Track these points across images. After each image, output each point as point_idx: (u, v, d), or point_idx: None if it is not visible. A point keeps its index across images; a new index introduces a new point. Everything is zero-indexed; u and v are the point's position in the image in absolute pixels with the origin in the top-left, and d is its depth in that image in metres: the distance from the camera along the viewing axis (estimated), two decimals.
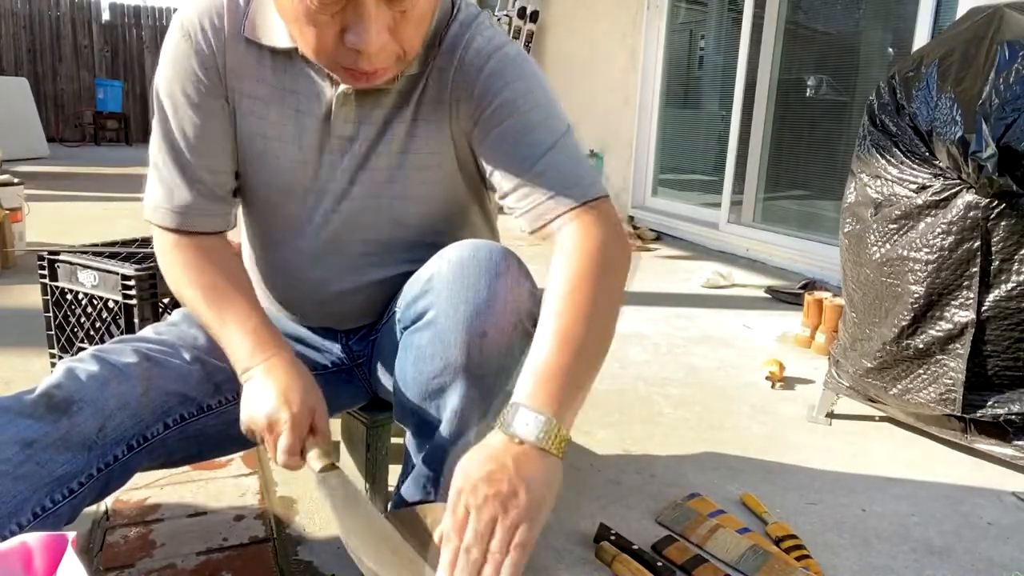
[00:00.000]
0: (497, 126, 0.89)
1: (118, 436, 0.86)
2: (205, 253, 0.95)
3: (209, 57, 0.90)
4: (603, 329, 0.79)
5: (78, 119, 9.83)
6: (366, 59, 0.75)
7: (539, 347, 0.75)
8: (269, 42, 0.89)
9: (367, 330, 1.09)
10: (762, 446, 1.65)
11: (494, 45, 0.90)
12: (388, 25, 0.74)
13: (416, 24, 0.76)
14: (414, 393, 0.91)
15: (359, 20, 0.72)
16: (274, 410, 0.85)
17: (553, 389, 0.72)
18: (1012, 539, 1.31)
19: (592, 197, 0.85)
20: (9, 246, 2.96)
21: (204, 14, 0.90)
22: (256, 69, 0.91)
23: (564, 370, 0.73)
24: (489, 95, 0.88)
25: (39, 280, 1.66)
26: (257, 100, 0.92)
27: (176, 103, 0.91)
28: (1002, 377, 1.49)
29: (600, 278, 0.79)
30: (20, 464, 0.78)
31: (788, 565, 1.16)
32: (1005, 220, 1.41)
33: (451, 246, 0.91)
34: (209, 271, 0.94)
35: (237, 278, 0.96)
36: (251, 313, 0.93)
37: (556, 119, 0.90)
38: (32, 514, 0.79)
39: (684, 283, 3.22)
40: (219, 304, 0.92)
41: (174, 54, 0.91)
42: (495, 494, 0.66)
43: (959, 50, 1.47)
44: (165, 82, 0.92)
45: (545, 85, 0.92)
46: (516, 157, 0.88)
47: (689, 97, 4.77)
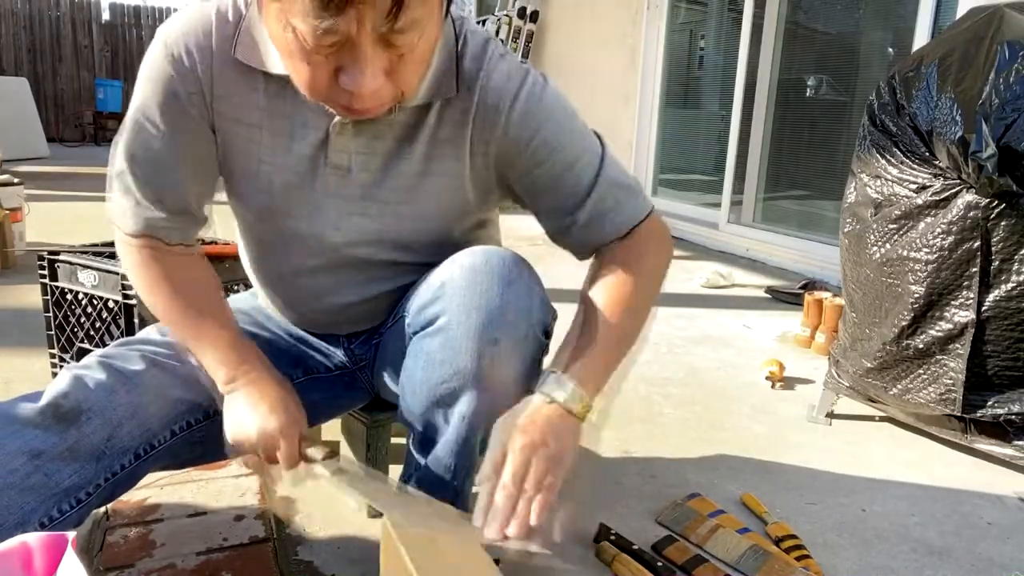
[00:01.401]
0: (535, 168, 0.90)
1: (126, 446, 0.86)
2: (174, 263, 0.94)
3: (194, 82, 0.86)
4: (636, 320, 0.90)
5: (78, 119, 9.83)
6: (359, 100, 0.73)
7: (577, 327, 0.87)
8: (262, 67, 0.85)
9: (370, 333, 1.09)
10: (762, 446, 1.65)
11: (516, 82, 0.88)
12: (384, 68, 0.71)
13: (414, 67, 0.74)
14: (422, 398, 0.91)
15: (354, 62, 0.69)
16: (265, 421, 0.85)
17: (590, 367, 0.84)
18: (1012, 539, 1.31)
19: (638, 221, 0.94)
20: (9, 246, 2.96)
21: (190, 33, 0.85)
22: (247, 93, 0.87)
23: (598, 348, 0.85)
24: (525, 138, 0.88)
25: (39, 280, 1.66)
26: (249, 125, 0.89)
27: (152, 124, 0.88)
28: (1002, 377, 1.49)
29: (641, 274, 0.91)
30: (28, 476, 0.78)
31: (788, 565, 1.16)
32: (1005, 220, 1.41)
33: (463, 252, 0.91)
34: (179, 283, 0.93)
35: (209, 290, 0.96)
36: (226, 326, 0.92)
37: (591, 147, 0.93)
38: (39, 524, 0.79)
39: (684, 283, 3.22)
40: (193, 319, 0.92)
41: (156, 74, 0.87)
42: (530, 442, 0.76)
43: (959, 50, 1.47)
44: (142, 100, 0.88)
45: (569, 109, 0.92)
46: (558, 202, 0.92)
47: (689, 97, 4.77)
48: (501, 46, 0.91)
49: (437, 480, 0.94)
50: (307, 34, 0.66)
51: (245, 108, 0.88)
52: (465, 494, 0.97)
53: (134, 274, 0.95)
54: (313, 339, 1.10)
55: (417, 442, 0.96)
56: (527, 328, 0.87)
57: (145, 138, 0.88)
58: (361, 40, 0.67)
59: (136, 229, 0.92)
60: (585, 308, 0.89)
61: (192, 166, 0.91)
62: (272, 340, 1.07)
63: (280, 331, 1.09)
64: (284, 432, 0.86)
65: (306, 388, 1.09)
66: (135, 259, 0.94)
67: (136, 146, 0.89)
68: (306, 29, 0.66)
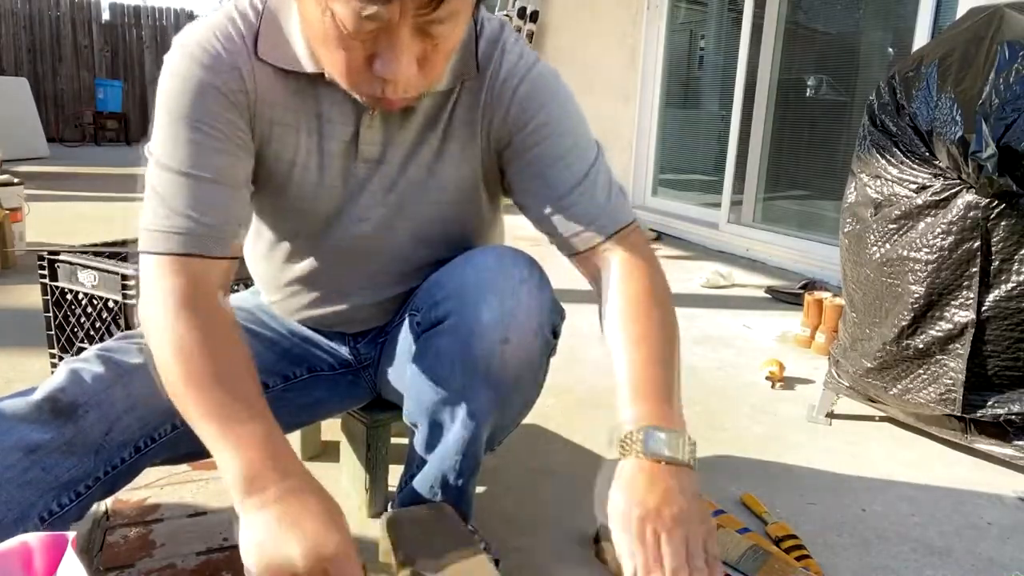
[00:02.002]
0: (532, 149, 0.89)
1: (125, 439, 0.86)
2: (213, 315, 0.78)
3: (237, 79, 0.81)
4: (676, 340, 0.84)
5: (78, 119, 9.83)
6: (392, 88, 0.72)
7: (635, 368, 0.78)
8: (289, 66, 0.83)
9: (376, 332, 1.09)
10: (762, 446, 1.65)
11: (525, 64, 0.89)
12: (418, 56, 0.71)
13: (446, 56, 0.74)
14: (430, 395, 0.91)
15: (390, 49, 0.69)
16: (318, 541, 0.64)
17: (667, 406, 0.75)
18: (1012, 539, 1.31)
19: (625, 224, 0.90)
20: (9, 246, 2.96)
21: (220, 33, 0.82)
22: (279, 93, 0.85)
23: (666, 386, 0.77)
24: (524, 118, 0.88)
25: (39, 280, 1.66)
26: (282, 126, 0.87)
27: (201, 131, 0.80)
28: (1002, 377, 1.49)
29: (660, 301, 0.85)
30: (25, 470, 0.77)
31: (788, 565, 1.16)
32: (1005, 220, 1.41)
33: (473, 251, 0.91)
34: (216, 344, 0.75)
35: (244, 364, 0.77)
36: (260, 417, 0.72)
37: (588, 143, 0.92)
38: (39, 518, 0.79)
39: (684, 283, 3.22)
40: (224, 395, 0.72)
41: (190, 78, 0.80)
42: (679, 513, 0.67)
43: (959, 50, 1.47)
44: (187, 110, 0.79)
45: (575, 104, 0.92)
46: (551, 184, 0.89)
47: (689, 97, 4.77)
48: (514, 32, 0.92)
49: (441, 480, 0.94)
50: (347, 18, 0.66)
51: (279, 108, 0.86)
52: (468, 495, 0.97)
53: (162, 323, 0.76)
54: (318, 337, 1.10)
55: (422, 441, 0.96)
56: (537, 327, 0.87)
57: (189, 149, 0.80)
58: (400, 28, 0.67)
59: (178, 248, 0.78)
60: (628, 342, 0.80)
61: (241, 171, 0.84)
62: (274, 339, 1.07)
63: (283, 329, 1.09)
64: (344, 556, 0.65)
65: (308, 386, 1.09)
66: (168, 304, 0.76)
67: (178, 159, 0.80)
68: (347, 13, 0.66)
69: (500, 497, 1.35)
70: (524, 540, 1.22)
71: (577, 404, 1.80)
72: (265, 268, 1.05)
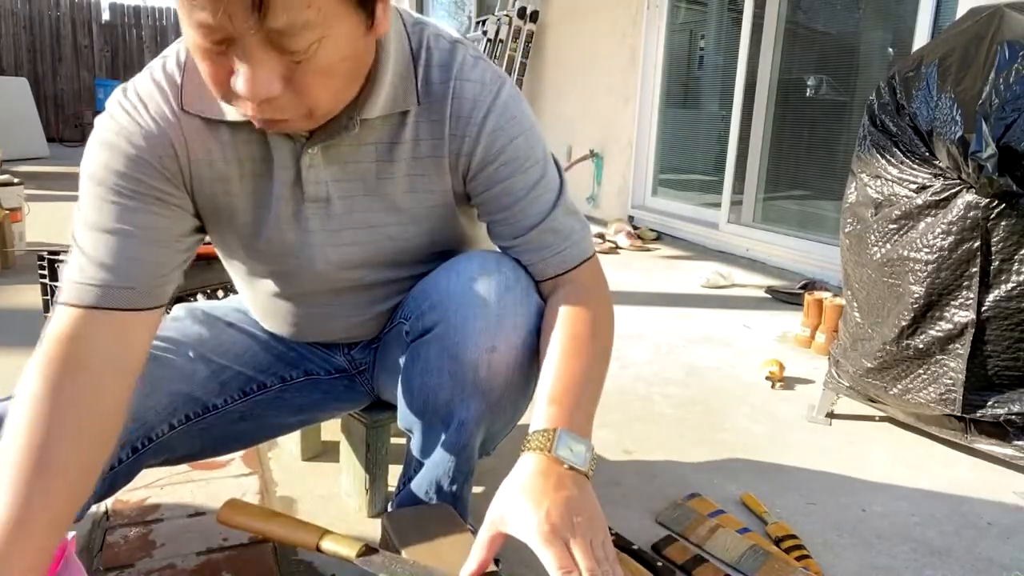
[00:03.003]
0: (500, 184, 0.88)
1: (123, 440, 0.86)
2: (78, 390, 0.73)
3: (168, 148, 0.81)
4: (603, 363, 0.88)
5: (78, 119, 9.83)
6: (255, 108, 0.68)
7: (562, 381, 0.80)
8: (216, 115, 0.80)
9: (370, 340, 1.09)
10: (762, 446, 1.65)
11: (490, 93, 0.85)
12: (281, 73, 0.66)
13: (320, 77, 0.68)
14: (420, 403, 0.91)
15: (241, 62, 0.65)
16: None
17: (582, 419, 0.78)
18: (1012, 539, 1.31)
19: (583, 259, 0.91)
20: (9, 246, 2.95)
21: (150, 101, 0.81)
22: (213, 145, 0.82)
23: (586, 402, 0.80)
24: (493, 152, 0.86)
25: (39, 280, 1.66)
26: (222, 178, 0.84)
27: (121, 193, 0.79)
28: (1002, 377, 1.49)
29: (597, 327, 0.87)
30: None
31: (788, 565, 1.16)
32: (1005, 220, 1.41)
33: (459, 258, 0.91)
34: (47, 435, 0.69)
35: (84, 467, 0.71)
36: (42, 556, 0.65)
37: (553, 173, 0.91)
38: None
39: (684, 283, 3.22)
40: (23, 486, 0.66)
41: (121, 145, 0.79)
42: (585, 521, 0.69)
43: (959, 50, 1.47)
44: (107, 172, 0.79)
45: (538, 132, 0.91)
46: (520, 215, 0.89)
47: (689, 97, 4.77)
48: (472, 48, 0.88)
49: (435, 485, 0.94)
50: (195, 30, 0.64)
51: (217, 162, 0.83)
52: (464, 499, 0.97)
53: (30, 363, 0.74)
54: (312, 347, 1.10)
55: (417, 446, 0.96)
56: (524, 334, 0.87)
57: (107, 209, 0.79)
58: (245, 39, 0.63)
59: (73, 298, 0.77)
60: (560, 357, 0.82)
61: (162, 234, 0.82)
62: (270, 342, 1.07)
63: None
64: None
65: (305, 388, 1.09)
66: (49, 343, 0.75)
67: (96, 217, 0.79)
68: (191, 24, 0.63)
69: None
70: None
71: None
72: (249, 296, 1.05)
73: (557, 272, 0.90)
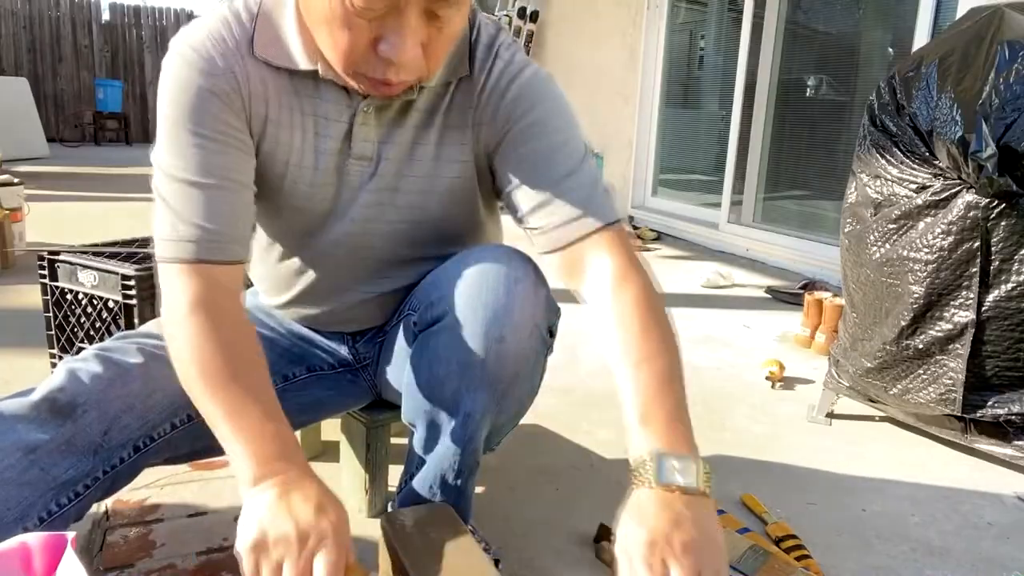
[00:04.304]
0: (521, 146, 0.89)
1: (124, 439, 0.86)
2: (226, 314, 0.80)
3: (231, 82, 0.83)
4: (678, 356, 0.80)
5: (78, 119, 9.83)
6: (394, 70, 0.73)
7: (642, 392, 0.75)
8: (285, 64, 0.83)
9: (375, 332, 1.09)
10: (762, 446, 1.65)
11: (517, 67, 0.89)
12: (423, 39, 0.71)
13: (447, 41, 0.75)
14: (427, 394, 0.91)
15: (398, 30, 0.69)
16: (311, 522, 0.67)
17: (677, 429, 0.72)
18: (1012, 539, 1.31)
19: (611, 220, 0.87)
20: (9, 246, 2.96)
21: (214, 36, 0.83)
22: (274, 92, 0.86)
23: (675, 408, 0.75)
24: (515, 117, 0.89)
25: (39, 280, 1.66)
26: (276, 124, 0.87)
27: (201, 136, 0.81)
28: (1002, 377, 1.49)
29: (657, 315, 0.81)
30: (24, 470, 0.77)
31: (788, 565, 1.16)
32: (1005, 220, 1.41)
33: (470, 250, 0.91)
34: (229, 342, 0.79)
35: (258, 360, 0.81)
36: (272, 412, 0.76)
37: (577, 142, 0.91)
38: (39, 518, 0.79)
39: (684, 283, 3.22)
40: (236, 390, 0.76)
41: (187, 82, 0.81)
42: (691, 541, 0.64)
43: (959, 50, 1.47)
44: (178, 113, 0.81)
45: (567, 106, 0.92)
46: (539, 178, 0.89)
47: (689, 97, 4.77)
48: (510, 36, 0.92)
49: (440, 480, 0.94)
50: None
51: (273, 107, 0.87)
52: (467, 495, 0.97)
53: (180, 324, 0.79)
54: (317, 337, 1.10)
55: (420, 441, 0.96)
56: (532, 327, 0.87)
57: (190, 154, 0.81)
58: (410, 9, 0.68)
59: (189, 255, 0.81)
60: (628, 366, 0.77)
61: (243, 175, 0.85)
62: (273, 339, 1.07)
63: (282, 329, 1.09)
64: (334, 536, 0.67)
65: (308, 385, 1.09)
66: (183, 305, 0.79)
67: (182, 166, 0.81)
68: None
69: (500, 497, 1.35)
70: (524, 540, 1.22)
71: (577, 404, 1.80)
72: (261, 266, 1.05)
73: (580, 235, 0.86)
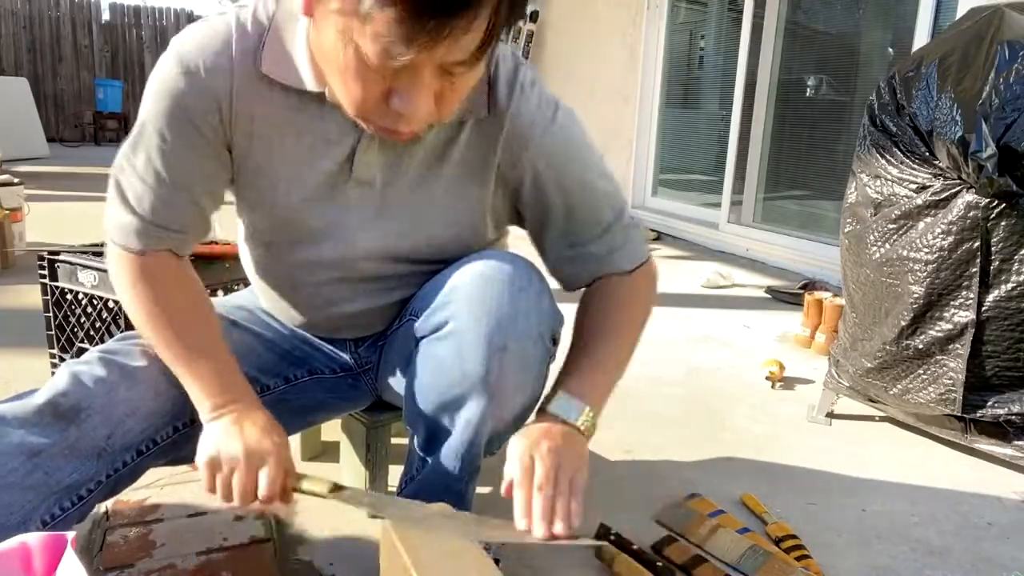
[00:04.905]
0: (560, 197, 0.92)
1: (128, 442, 0.86)
2: (168, 281, 0.90)
3: (211, 99, 0.83)
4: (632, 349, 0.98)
5: (78, 119, 9.83)
6: (404, 122, 0.72)
7: (582, 353, 0.92)
8: (293, 83, 0.83)
9: (376, 336, 1.09)
10: (762, 446, 1.65)
11: (548, 112, 0.89)
12: (436, 93, 0.70)
13: (461, 93, 0.74)
14: (428, 401, 0.91)
15: (411, 87, 0.68)
16: (256, 442, 0.81)
17: (588, 385, 0.89)
18: (1012, 539, 1.31)
19: (644, 260, 0.98)
20: (9, 246, 2.95)
21: (207, 48, 0.82)
22: (271, 108, 0.85)
23: (600, 371, 0.92)
24: (553, 168, 0.91)
25: (39, 280, 1.66)
26: (269, 140, 0.87)
27: (162, 139, 0.84)
28: (1002, 377, 1.49)
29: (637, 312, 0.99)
30: (27, 474, 0.77)
31: (788, 565, 1.16)
32: (1005, 220, 1.41)
33: (473, 257, 0.91)
34: (173, 306, 0.89)
35: (203, 315, 0.93)
36: (220, 353, 0.89)
37: (614, 187, 0.97)
38: (41, 522, 0.79)
39: (684, 283, 3.22)
40: (185, 340, 0.88)
41: (167, 88, 0.82)
42: (555, 447, 0.79)
43: (959, 50, 1.47)
44: (152, 114, 0.83)
45: (594, 150, 0.95)
46: (578, 228, 0.95)
47: (689, 97, 4.77)
48: (532, 72, 0.91)
49: (440, 483, 0.94)
50: (375, 55, 0.64)
51: (266, 124, 0.86)
52: (468, 498, 0.97)
53: (127, 293, 0.90)
54: (318, 341, 1.10)
55: (421, 445, 0.96)
56: (536, 335, 0.87)
57: (152, 154, 0.84)
58: (425, 67, 0.66)
59: (135, 245, 0.88)
60: (588, 332, 0.94)
61: (200, 183, 0.88)
62: (275, 341, 1.07)
63: (283, 331, 1.09)
64: (275, 454, 0.81)
65: (309, 387, 1.09)
66: (128, 276, 0.89)
67: (142, 161, 0.85)
68: (375, 50, 0.64)
69: (500, 497, 1.35)
70: None
71: None
72: (261, 276, 1.04)
73: (611, 273, 0.97)
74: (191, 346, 0.87)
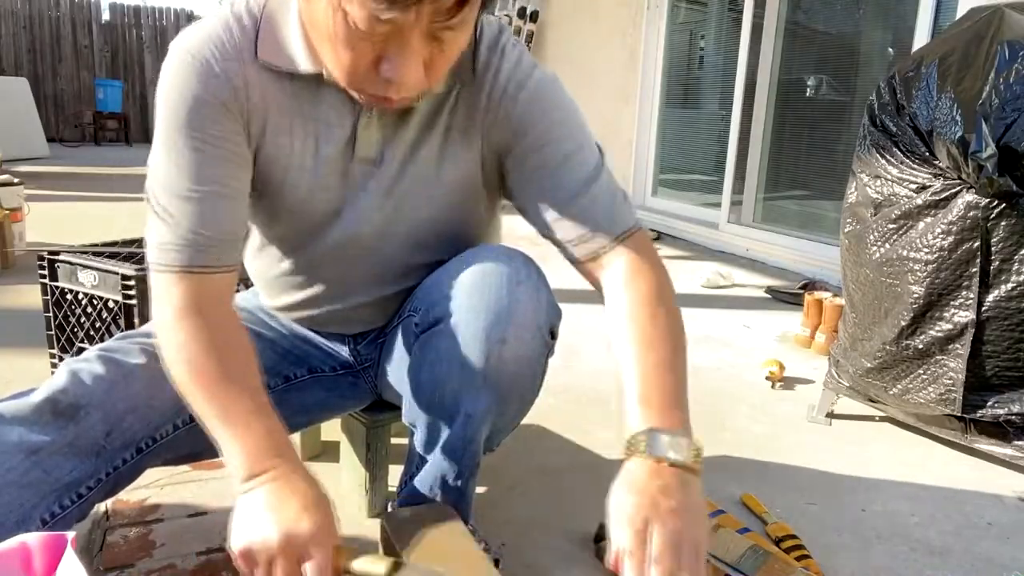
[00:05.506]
0: (535, 155, 0.89)
1: (127, 440, 0.86)
2: (212, 323, 0.81)
3: (228, 89, 0.82)
4: (683, 345, 0.86)
5: (78, 119, 9.83)
6: (395, 89, 0.73)
7: (643, 374, 0.80)
8: (288, 67, 0.82)
9: (376, 333, 1.09)
10: (762, 446, 1.65)
11: (525, 70, 0.89)
12: (425, 59, 0.71)
13: (450, 59, 0.74)
14: (428, 396, 0.91)
15: (400, 52, 0.69)
16: (293, 522, 0.70)
17: (674, 411, 0.78)
18: (1012, 539, 1.31)
19: (628, 228, 0.90)
20: (9, 246, 2.96)
21: (213, 39, 0.82)
22: (276, 96, 0.85)
23: (673, 391, 0.80)
24: (527, 124, 0.89)
25: (39, 280, 1.66)
26: (276, 129, 0.87)
27: (194, 140, 0.81)
28: (1002, 377, 1.49)
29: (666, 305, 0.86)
30: (26, 472, 0.77)
31: (788, 565, 1.16)
32: (1005, 220, 1.41)
33: (471, 251, 0.91)
34: (214, 351, 0.79)
35: (246, 360, 0.82)
36: (261, 411, 0.78)
37: (591, 148, 0.92)
38: (41, 520, 0.79)
39: (684, 283, 3.22)
40: (223, 392, 0.78)
41: (184, 86, 0.80)
42: (675, 508, 0.67)
43: (959, 50, 1.47)
44: (174, 118, 0.81)
45: (576, 108, 0.93)
46: (554, 190, 0.89)
47: (689, 97, 4.77)
48: (513, 35, 0.92)
49: (440, 480, 0.94)
50: (361, 20, 0.66)
51: (274, 112, 0.86)
52: (468, 495, 0.97)
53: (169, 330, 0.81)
54: (318, 338, 1.10)
55: (421, 442, 0.96)
56: (534, 329, 0.87)
57: (182, 158, 0.81)
58: (413, 32, 0.67)
59: (177, 261, 0.81)
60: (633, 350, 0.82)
61: (234, 177, 0.84)
62: (275, 340, 1.07)
63: (283, 330, 1.09)
64: (317, 538, 0.70)
65: (309, 387, 1.09)
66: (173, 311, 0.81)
67: (172, 169, 0.81)
68: (362, 15, 0.65)
69: (500, 497, 1.35)
70: (524, 540, 1.22)
71: (577, 404, 1.80)
72: (261, 267, 1.04)
73: (598, 248, 0.89)
74: (233, 399, 0.78)
